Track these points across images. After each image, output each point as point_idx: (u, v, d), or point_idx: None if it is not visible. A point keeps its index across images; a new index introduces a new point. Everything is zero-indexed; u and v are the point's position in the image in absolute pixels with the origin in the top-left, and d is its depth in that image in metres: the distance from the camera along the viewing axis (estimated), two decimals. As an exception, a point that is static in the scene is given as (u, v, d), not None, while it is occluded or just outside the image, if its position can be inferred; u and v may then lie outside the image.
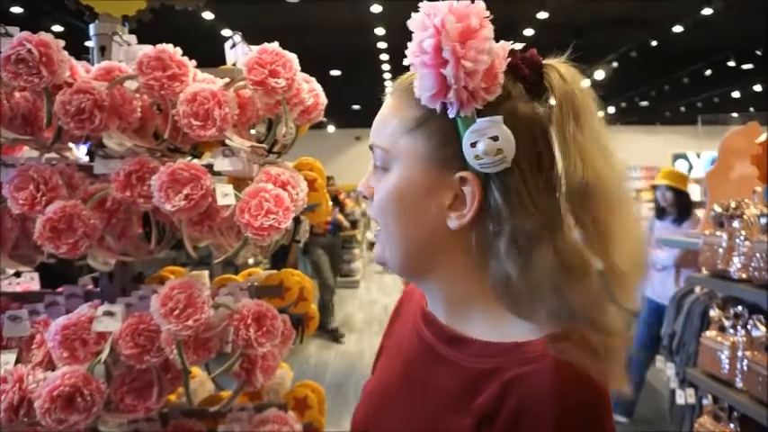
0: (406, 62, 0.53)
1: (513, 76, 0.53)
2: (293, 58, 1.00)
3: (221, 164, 0.97)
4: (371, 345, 5.11)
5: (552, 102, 0.52)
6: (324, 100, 1.13)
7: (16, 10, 6.03)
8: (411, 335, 0.66)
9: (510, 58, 0.53)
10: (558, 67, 0.54)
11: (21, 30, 0.96)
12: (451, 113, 0.52)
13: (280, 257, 4.59)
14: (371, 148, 0.61)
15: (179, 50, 1.00)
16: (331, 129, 13.38)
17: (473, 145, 0.51)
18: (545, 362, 0.48)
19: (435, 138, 0.54)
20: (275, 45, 0.99)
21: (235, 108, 0.98)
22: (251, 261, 3.85)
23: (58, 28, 5.71)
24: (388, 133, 0.58)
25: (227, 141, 0.96)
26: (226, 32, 5.74)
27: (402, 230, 0.58)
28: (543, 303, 0.50)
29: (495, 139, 0.50)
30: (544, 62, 0.54)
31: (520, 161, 0.51)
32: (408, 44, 0.52)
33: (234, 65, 1.09)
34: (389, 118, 0.59)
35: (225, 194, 0.91)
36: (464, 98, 0.50)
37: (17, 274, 1.27)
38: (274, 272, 1.26)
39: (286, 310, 1.21)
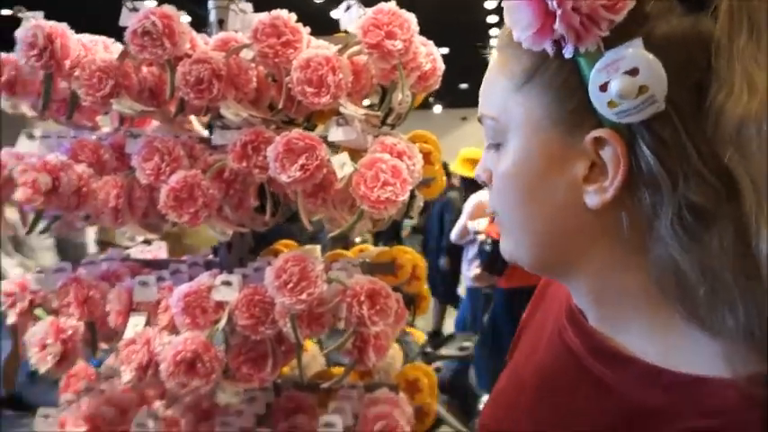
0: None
1: None
2: (411, 18, 0.93)
3: (335, 134, 0.94)
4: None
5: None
6: (441, 66, 1.05)
7: None
8: (552, 336, 0.52)
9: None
10: None
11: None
12: (568, 52, 0.38)
13: (383, 236, 4.60)
14: (481, 121, 0.48)
15: (293, 17, 0.97)
16: (437, 109, 13.22)
17: (603, 88, 0.37)
18: (741, 423, 0.35)
19: (552, 90, 0.41)
20: (392, 4, 0.92)
21: (349, 75, 0.94)
22: (357, 240, 3.88)
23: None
24: (496, 98, 0.45)
25: (341, 109, 0.92)
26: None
27: (528, 218, 0.45)
28: (732, 310, 0.36)
29: (633, 72, 0.36)
30: None
31: (676, 101, 0.36)
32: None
33: (345, 32, 1.04)
34: (495, 79, 0.46)
35: (342, 164, 0.87)
36: (578, 25, 0.36)
37: (147, 242, 1.34)
38: (386, 249, 1.21)
39: (398, 288, 1.16)
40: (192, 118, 1.19)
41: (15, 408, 2.64)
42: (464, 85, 10.11)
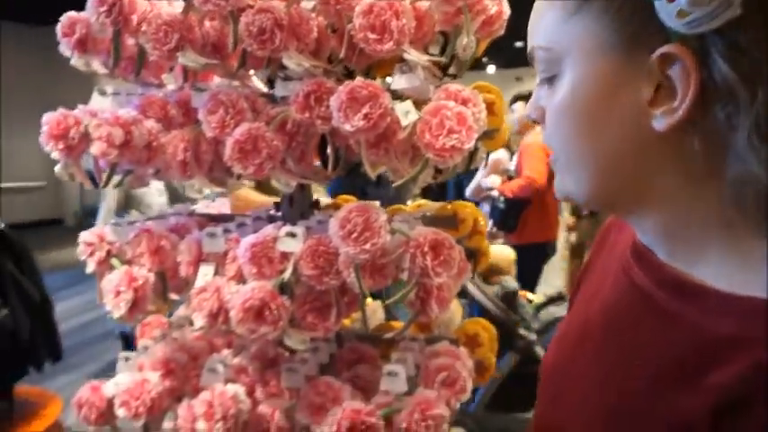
0: None
1: None
2: (476, -42, 0.89)
3: (398, 81, 0.92)
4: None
5: None
6: (507, 10, 1.00)
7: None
8: (618, 274, 0.51)
9: None
10: None
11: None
12: None
13: (433, 195, 4.56)
14: (530, 57, 0.46)
15: (355, -38, 0.94)
16: (491, 69, 12.83)
17: None
18: None
19: (611, 12, 0.39)
20: (456, -57, 0.88)
21: (412, 20, 0.91)
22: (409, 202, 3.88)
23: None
24: (548, 27, 0.44)
25: (405, 56, 0.90)
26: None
27: (589, 151, 0.44)
28: None
29: None
30: None
31: (752, 3, 0.33)
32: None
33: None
34: (545, 8, 0.45)
35: (406, 112, 0.86)
36: None
37: (213, 198, 1.38)
38: (447, 203, 1.20)
39: (460, 242, 1.14)
40: (254, 78, 1.20)
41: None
42: (518, 44, 9.76)
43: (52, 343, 2.78)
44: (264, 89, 1.20)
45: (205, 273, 1.02)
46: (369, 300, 1.39)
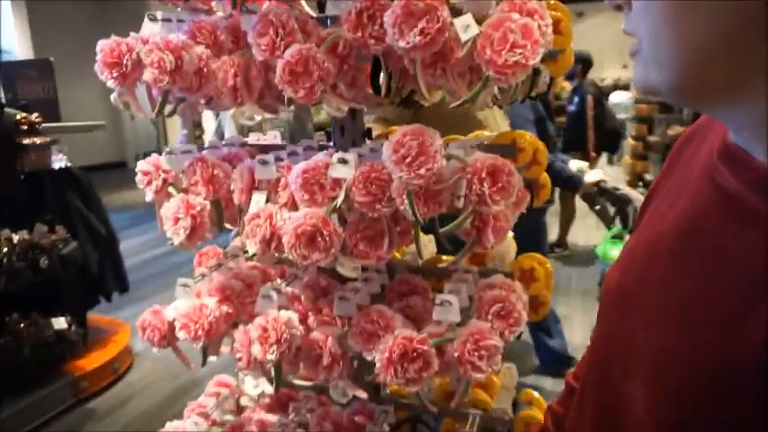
0: None
1: None
2: None
3: (457, -6, 0.85)
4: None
5: None
6: None
7: None
8: (699, 180, 0.47)
9: None
10: None
11: None
12: None
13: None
14: None
15: None
16: (550, 5, 12.08)
17: None
18: None
19: None
20: None
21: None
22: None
23: None
24: None
25: (465, -36, 0.83)
26: None
27: (681, 33, 0.38)
28: None
29: None
30: None
31: None
32: None
33: None
34: None
35: (466, 26, 0.79)
36: None
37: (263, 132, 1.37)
38: (506, 131, 1.14)
39: (518, 172, 1.09)
40: (304, 3, 1.15)
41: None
42: (581, -24, 9.10)
43: (119, 275, 2.95)
44: (315, 13, 1.16)
45: (257, 200, 1.02)
46: (422, 235, 1.37)
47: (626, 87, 9.29)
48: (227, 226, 1.20)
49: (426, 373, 0.92)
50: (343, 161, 0.95)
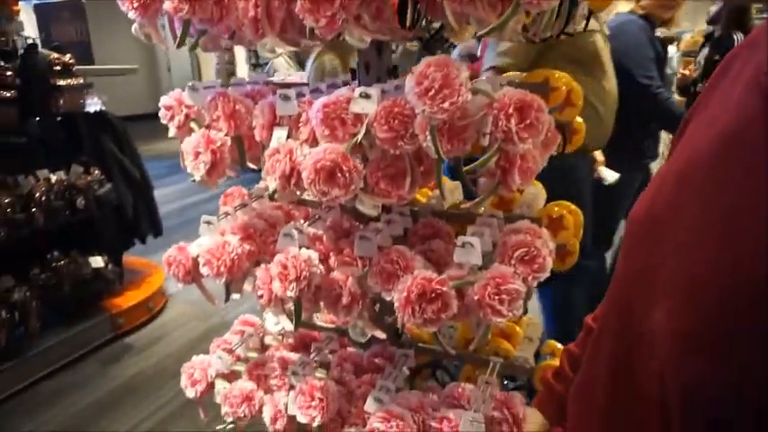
0: None
1: None
2: None
3: None
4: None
5: None
6: None
7: None
8: (745, 93, 0.46)
9: None
10: None
11: None
12: None
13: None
14: None
15: None
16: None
17: None
18: None
19: None
20: None
21: None
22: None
23: None
24: None
25: None
26: None
27: None
28: None
29: None
30: None
31: None
32: None
33: None
34: None
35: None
36: None
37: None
38: (539, 70, 1.08)
39: (550, 113, 1.04)
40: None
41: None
42: None
43: (153, 219, 3.02)
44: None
45: (278, 136, 1.00)
46: (445, 178, 1.34)
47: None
48: (250, 165, 1.20)
49: (445, 315, 0.90)
50: (366, 96, 0.92)
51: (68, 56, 2.36)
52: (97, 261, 2.50)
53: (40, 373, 2.35)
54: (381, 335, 1.11)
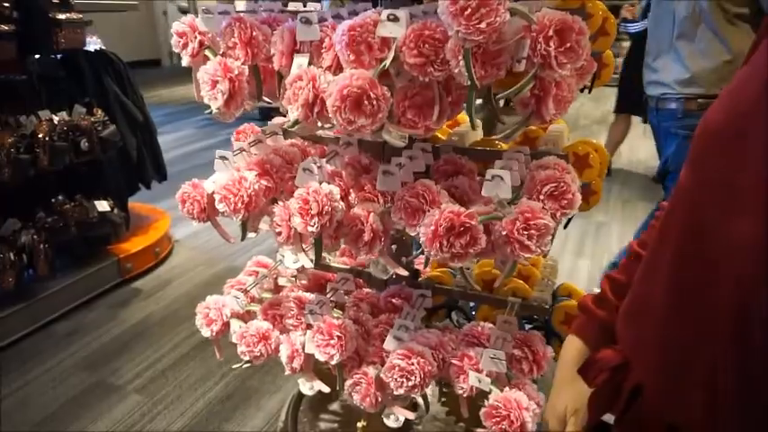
0: None
1: None
2: None
3: None
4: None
5: None
6: None
7: None
8: None
9: None
10: None
11: None
12: None
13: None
14: None
15: None
16: None
17: None
18: None
19: None
20: None
21: None
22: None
23: None
24: None
25: None
26: None
27: None
28: None
29: None
30: None
31: None
32: None
33: None
34: None
35: None
36: None
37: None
38: (573, -5, 1.01)
39: (584, 41, 0.98)
40: None
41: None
42: None
43: (158, 163, 2.97)
44: None
45: (299, 63, 0.95)
46: (463, 117, 1.29)
47: None
48: (266, 99, 1.15)
49: (473, 249, 0.88)
50: (394, 18, 0.86)
51: (66, -12, 2.26)
52: (103, 205, 2.47)
53: (51, 315, 2.36)
54: (403, 272, 1.09)
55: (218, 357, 1.38)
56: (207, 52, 1.06)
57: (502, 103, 0.99)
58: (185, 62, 1.09)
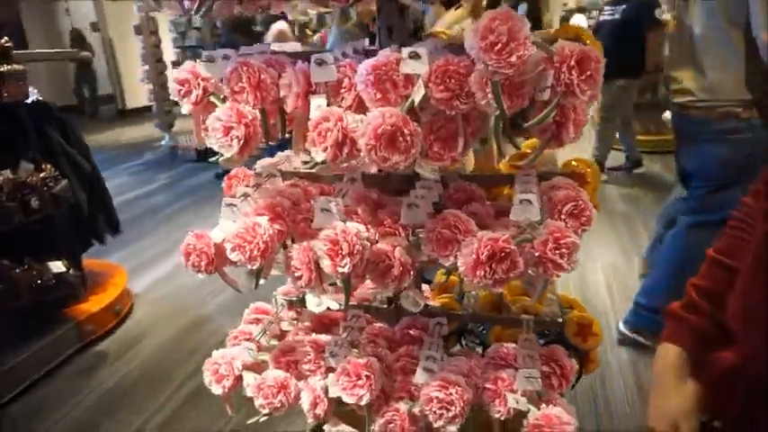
0: None
1: None
2: None
3: None
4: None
5: None
6: None
7: None
8: None
9: None
10: None
11: None
12: None
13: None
14: None
15: None
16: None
17: None
18: None
19: None
20: None
21: None
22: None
23: None
24: None
25: None
26: None
27: None
28: None
29: None
30: None
31: None
32: None
33: None
34: None
35: None
36: None
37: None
38: (567, 24, 1.08)
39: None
40: None
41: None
42: None
43: (109, 214, 2.81)
44: None
45: (318, 104, 0.95)
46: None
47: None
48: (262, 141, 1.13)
49: (513, 273, 0.90)
50: (415, 56, 0.88)
51: (5, 39, 2.12)
52: (58, 266, 2.30)
53: (8, 395, 2.14)
54: (430, 301, 1.10)
55: (230, 413, 1.31)
56: (212, 98, 1.03)
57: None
58: (186, 110, 1.06)
